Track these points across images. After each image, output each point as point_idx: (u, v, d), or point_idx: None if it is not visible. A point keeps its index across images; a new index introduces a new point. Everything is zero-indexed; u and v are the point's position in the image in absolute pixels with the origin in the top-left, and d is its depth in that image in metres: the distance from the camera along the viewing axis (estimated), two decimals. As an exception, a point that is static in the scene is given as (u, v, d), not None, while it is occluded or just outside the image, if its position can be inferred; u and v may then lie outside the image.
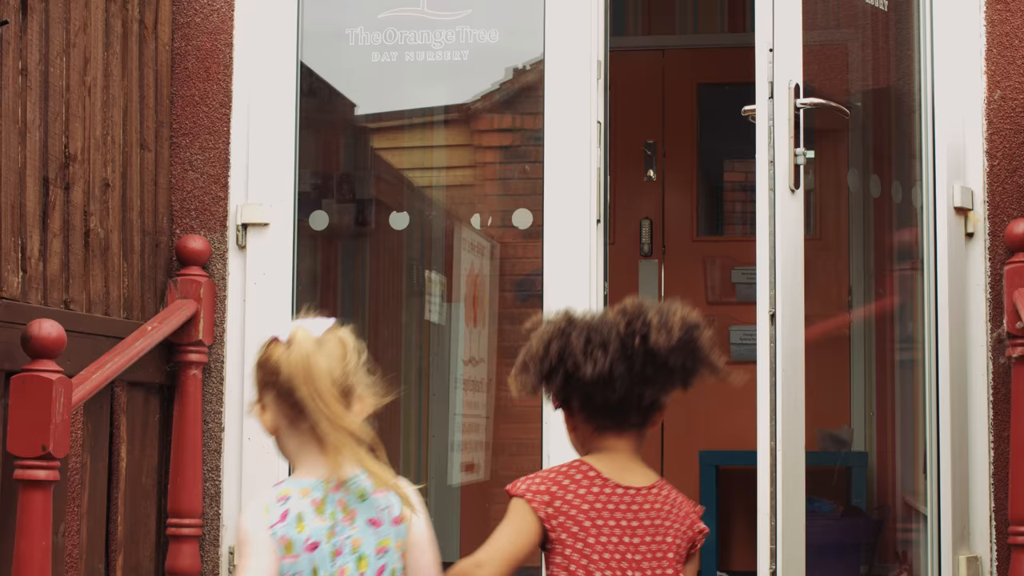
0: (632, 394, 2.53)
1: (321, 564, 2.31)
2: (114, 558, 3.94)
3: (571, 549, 2.48)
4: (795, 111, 3.80)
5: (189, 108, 4.42)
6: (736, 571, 5.71)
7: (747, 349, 5.93)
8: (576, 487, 2.51)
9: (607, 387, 2.51)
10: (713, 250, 6.17)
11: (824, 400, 4.67)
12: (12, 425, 3.27)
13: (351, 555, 2.33)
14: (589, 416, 2.58)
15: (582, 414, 2.58)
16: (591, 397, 2.54)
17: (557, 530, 2.48)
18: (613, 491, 2.53)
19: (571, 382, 2.52)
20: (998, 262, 4.22)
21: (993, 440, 4.20)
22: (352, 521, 2.35)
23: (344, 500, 2.35)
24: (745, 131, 3.88)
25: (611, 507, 2.52)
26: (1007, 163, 4.26)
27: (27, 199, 3.56)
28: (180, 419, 4.16)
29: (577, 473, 2.52)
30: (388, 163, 4.85)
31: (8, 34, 3.47)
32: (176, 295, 4.20)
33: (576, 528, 2.48)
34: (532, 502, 2.48)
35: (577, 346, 2.51)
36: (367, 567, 2.33)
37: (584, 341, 2.51)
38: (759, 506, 3.68)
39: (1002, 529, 4.11)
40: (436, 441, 4.63)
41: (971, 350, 4.23)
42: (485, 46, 4.44)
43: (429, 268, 4.68)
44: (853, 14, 4.47)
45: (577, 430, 2.61)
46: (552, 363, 2.53)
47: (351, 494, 2.36)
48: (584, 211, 4.14)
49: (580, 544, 2.47)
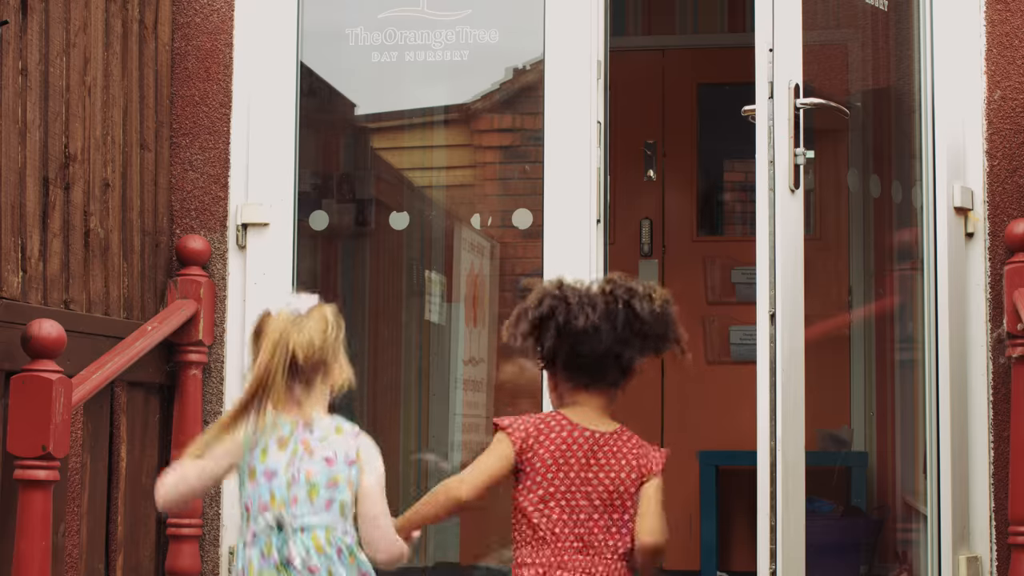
0: (611, 352, 2.88)
1: (277, 490, 2.80)
2: (114, 558, 3.94)
3: (532, 482, 2.86)
4: (795, 111, 3.80)
5: (189, 108, 4.43)
6: (736, 571, 5.70)
7: (747, 349, 5.93)
8: (550, 432, 2.88)
9: (593, 339, 2.85)
10: (713, 250, 6.16)
11: (824, 400, 4.67)
12: (12, 425, 3.27)
13: (304, 484, 2.79)
14: (570, 373, 2.90)
15: (564, 372, 2.91)
16: (576, 351, 2.87)
17: (525, 465, 2.87)
18: (580, 434, 2.89)
19: (561, 335, 2.86)
20: (998, 262, 4.22)
21: (993, 440, 4.20)
22: (311, 456, 2.81)
23: (307, 439, 2.81)
24: (745, 131, 3.88)
25: (575, 447, 2.88)
26: (1007, 163, 4.26)
27: (27, 199, 3.56)
28: (180, 419, 4.16)
29: (552, 420, 2.89)
30: (388, 163, 4.85)
31: (8, 34, 3.47)
32: (176, 295, 4.20)
33: (540, 466, 2.86)
34: (512, 436, 2.87)
35: (571, 301, 2.86)
36: (317, 496, 2.79)
37: (576, 299, 2.87)
38: (759, 506, 3.68)
39: (1002, 529, 4.11)
40: (436, 441, 4.63)
41: (971, 350, 4.23)
42: (485, 46, 4.45)
43: (429, 268, 4.68)
44: (853, 14, 4.47)
45: (557, 388, 2.94)
46: (545, 313, 2.86)
47: (314, 436, 2.82)
48: (584, 211, 4.14)
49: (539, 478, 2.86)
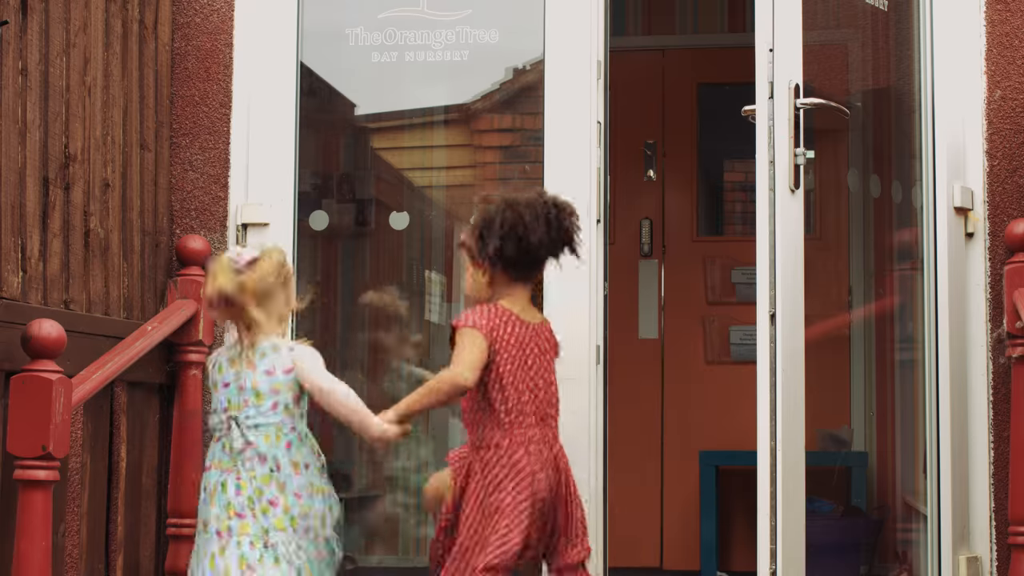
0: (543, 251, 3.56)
1: (232, 397, 3.58)
2: (114, 558, 3.94)
3: (501, 367, 3.49)
4: (795, 111, 3.80)
5: (189, 108, 4.43)
6: (736, 571, 5.71)
7: (747, 349, 5.93)
8: (505, 326, 3.52)
9: (540, 247, 3.54)
10: (713, 250, 6.16)
11: (824, 400, 4.67)
12: (12, 425, 3.27)
13: (251, 392, 3.55)
14: (514, 271, 3.57)
15: (509, 270, 3.56)
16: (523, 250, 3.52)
17: (494, 354, 3.49)
18: (524, 328, 3.55)
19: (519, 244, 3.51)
20: (998, 262, 4.22)
21: (993, 440, 4.20)
22: (254, 370, 3.56)
23: (249, 356, 3.57)
24: (745, 131, 3.88)
25: (523, 340, 3.54)
26: (1007, 163, 4.26)
27: (27, 199, 3.56)
28: (180, 419, 4.16)
29: (503, 314, 3.53)
30: (388, 163, 4.85)
31: (8, 34, 3.47)
32: (176, 295, 4.20)
33: (505, 353, 3.50)
34: (481, 330, 3.48)
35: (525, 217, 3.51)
36: (263, 401, 3.53)
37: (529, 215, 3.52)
38: (759, 506, 3.68)
39: (1002, 529, 4.12)
40: (436, 441, 4.63)
41: (971, 350, 4.24)
42: (485, 46, 4.45)
43: (429, 268, 4.68)
44: (853, 14, 4.47)
45: (495, 282, 3.57)
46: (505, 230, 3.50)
47: (256, 353, 3.57)
48: (584, 211, 4.13)
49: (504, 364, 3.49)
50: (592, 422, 4.07)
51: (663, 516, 6.01)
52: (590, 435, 4.06)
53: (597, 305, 4.13)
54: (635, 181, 6.13)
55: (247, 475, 3.51)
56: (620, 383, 5.08)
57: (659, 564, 5.99)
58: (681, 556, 5.95)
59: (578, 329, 4.09)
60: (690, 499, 5.83)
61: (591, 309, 4.11)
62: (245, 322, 3.59)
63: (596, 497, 4.04)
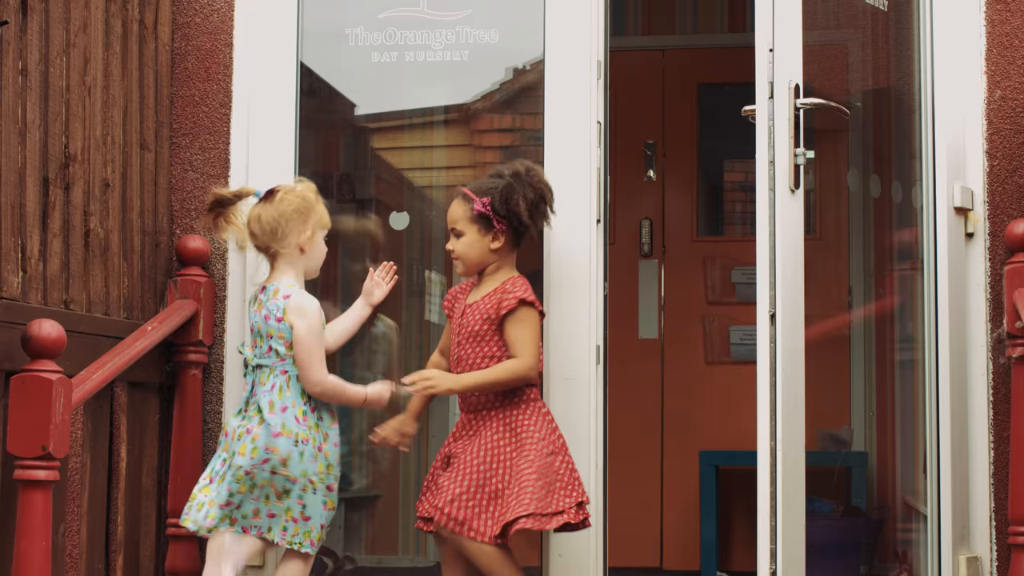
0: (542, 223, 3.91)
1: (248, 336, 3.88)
2: (114, 558, 3.94)
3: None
4: (795, 111, 3.80)
5: (189, 108, 4.43)
6: (736, 571, 5.71)
7: (747, 349, 5.93)
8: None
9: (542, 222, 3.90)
10: (713, 250, 6.16)
11: (824, 400, 4.68)
12: (12, 425, 3.27)
13: (257, 332, 3.80)
14: (517, 241, 3.90)
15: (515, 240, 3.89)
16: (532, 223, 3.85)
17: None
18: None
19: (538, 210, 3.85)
20: (998, 262, 4.22)
21: (993, 440, 4.20)
22: (260, 311, 3.79)
23: (260, 298, 3.81)
24: (745, 131, 3.88)
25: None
26: (1007, 163, 4.26)
27: (27, 199, 3.56)
28: (180, 419, 4.16)
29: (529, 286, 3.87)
30: (388, 163, 4.85)
31: (8, 34, 3.48)
32: (176, 295, 4.20)
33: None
34: (538, 307, 3.84)
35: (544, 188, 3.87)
36: (261, 343, 3.78)
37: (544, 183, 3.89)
38: (759, 506, 3.68)
39: (1002, 529, 4.12)
40: (436, 441, 4.63)
41: (971, 350, 4.24)
42: (485, 46, 4.45)
43: (429, 268, 4.68)
44: (853, 14, 4.47)
45: (500, 250, 3.86)
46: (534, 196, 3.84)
47: (267, 296, 3.79)
48: (584, 211, 4.14)
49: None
50: (592, 422, 4.07)
51: (663, 516, 6.01)
52: (590, 435, 4.06)
53: (597, 305, 4.12)
54: (635, 181, 6.13)
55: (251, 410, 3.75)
56: (620, 383, 5.09)
57: (659, 564, 5.99)
58: (681, 556, 5.95)
59: (578, 329, 4.09)
60: (690, 499, 5.83)
61: (591, 309, 4.11)
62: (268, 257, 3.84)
63: (596, 497, 4.04)
